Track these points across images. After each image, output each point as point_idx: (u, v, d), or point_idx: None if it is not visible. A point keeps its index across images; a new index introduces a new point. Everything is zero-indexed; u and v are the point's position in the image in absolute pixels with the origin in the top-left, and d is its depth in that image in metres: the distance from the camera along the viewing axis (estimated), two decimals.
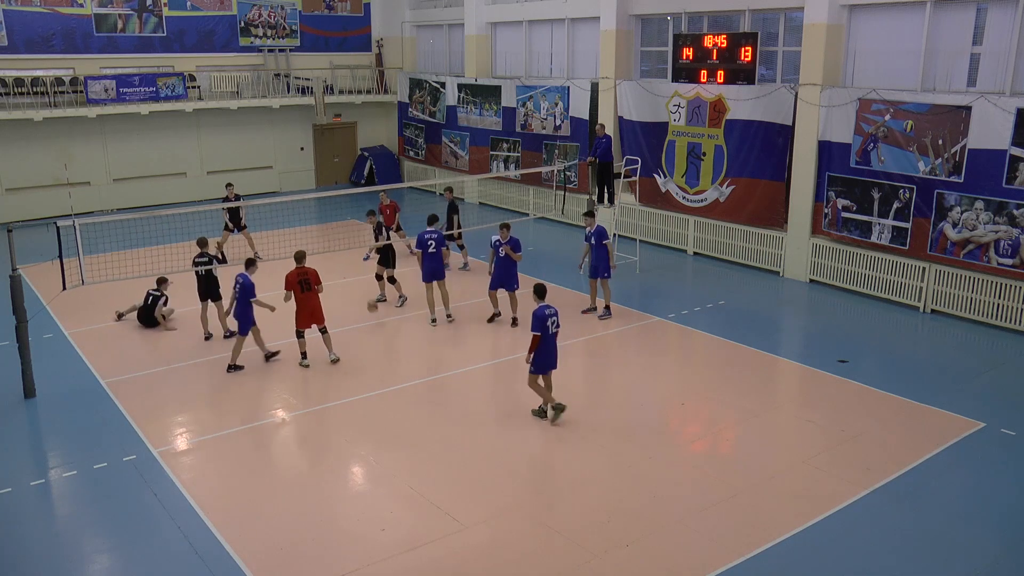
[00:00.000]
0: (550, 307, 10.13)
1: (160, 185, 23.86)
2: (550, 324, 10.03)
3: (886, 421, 10.38)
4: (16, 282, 10.88)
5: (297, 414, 10.71)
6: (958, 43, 14.19)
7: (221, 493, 8.85)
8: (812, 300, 15.52)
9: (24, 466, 9.47)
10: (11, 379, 11.25)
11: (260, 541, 7.92)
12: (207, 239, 13.69)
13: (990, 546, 7.90)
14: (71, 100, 22.17)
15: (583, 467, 9.33)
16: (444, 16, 25.69)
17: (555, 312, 10.14)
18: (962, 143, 13.54)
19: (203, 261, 13.14)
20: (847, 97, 15.07)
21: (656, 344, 13.33)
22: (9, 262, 10.99)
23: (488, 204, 23.90)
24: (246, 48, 25.54)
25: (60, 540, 8.12)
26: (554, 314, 10.10)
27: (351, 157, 27.76)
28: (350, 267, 16.89)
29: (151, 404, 10.95)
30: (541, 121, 21.72)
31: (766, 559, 7.61)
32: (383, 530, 8.07)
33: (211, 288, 13.29)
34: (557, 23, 22.01)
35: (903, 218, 14.53)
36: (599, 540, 7.88)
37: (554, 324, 10.09)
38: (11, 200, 21.77)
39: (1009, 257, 13.26)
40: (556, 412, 10.22)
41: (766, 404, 10.99)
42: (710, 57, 17.15)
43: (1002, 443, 9.81)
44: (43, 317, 13.46)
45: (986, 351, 13.03)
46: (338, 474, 9.32)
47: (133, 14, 23.41)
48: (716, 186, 17.61)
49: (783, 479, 9.03)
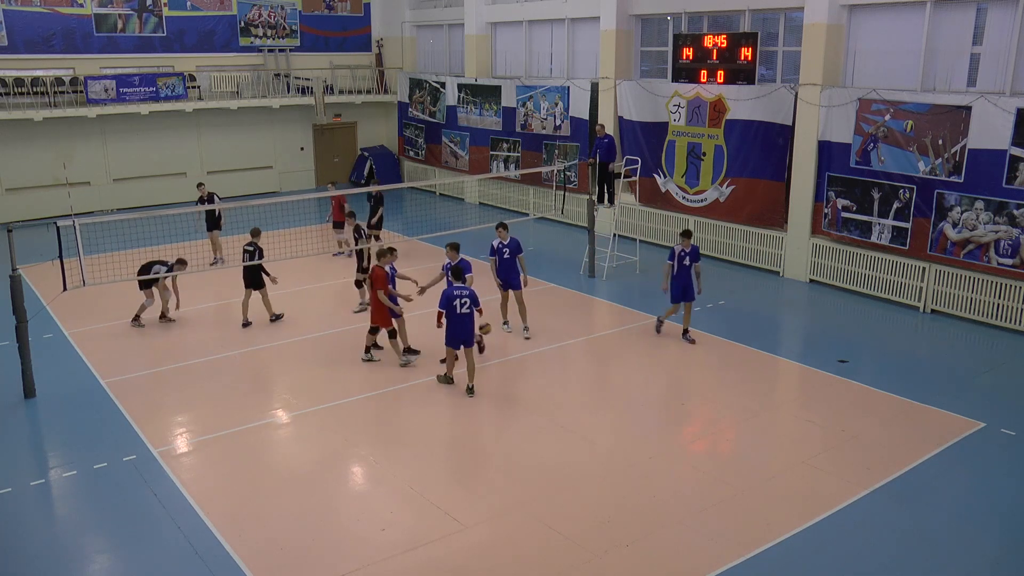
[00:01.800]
0: (464, 288, 10.87)
1: (160, 185, 23.86)
2: (457, 304, 10.70)
3: (886, 421, 10.38)
4: (16, 282, 10.88)
5: (297, 414, 10.71)
6: (958, 43, 14.19)
7: (221, 493, 8.85)
8: (812, 300, 15.52)
9: (24, 466, 9.47)
10: (11, 379, 11.25)
11: (260, 541, 7.92)
12: (259, 229, 14.06)
13: (990, 546, 7.90)
14: (71, 100, 22.17)
15: (583, 467, 9.33)
16: (444, 16, 25.69)
17: (468, 294, 10.77)
18: (962, 143, 13.54)
19: (251, 250, 13.58)
20: (847, 97, 15.07)
21: (656, 344, 13.33)
22: (9, 262, 10.99)
23: (488, 204, 23.90)
24: (246, 48, 25.54)
25: (60, 540, 8.12)
26: (465, 296, 10.74)
27: (351, 157, 27.76)
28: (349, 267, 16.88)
29: (151, 404, 10.95)
30: (541, 121, 21.73)
31: (766, 559, 7.61)
32: (383, 530, 8.07)
33: (256, 277, 13.70)
34: (557, 23, 22.01)
35: (903, 218, 14.53)
36: (599, 540, 7.88)
37: (464, 305, 10.73)
38: (11, 200, 21.77)
39: (1009, 257, 13.26)
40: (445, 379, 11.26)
41: (766, 404, 10.99)
42: (710, 57, 17.15)
43: (1002, 443, 9.81)
44: (43, 317, 13.46)
45: (986, 351, 13.03)
46: (338, 474, 9.32)
47: (133, 14, 23.41)
48: (716, 186, 17.62)
49: (783, 479, 9.03)
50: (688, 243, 12.90)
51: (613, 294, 15.68)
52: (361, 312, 14.17)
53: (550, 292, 15.81)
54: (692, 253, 12.83)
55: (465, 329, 10.87)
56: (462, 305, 10.72)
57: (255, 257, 13.60)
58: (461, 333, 10.88)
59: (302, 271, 16.70)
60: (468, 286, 11.19)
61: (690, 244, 12.90)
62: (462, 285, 11.04)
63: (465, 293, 10.79)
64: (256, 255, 13.62)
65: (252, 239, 13.82)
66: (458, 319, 10.79)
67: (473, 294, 10.91)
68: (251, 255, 13.60)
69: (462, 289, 10.87)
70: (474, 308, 10.90)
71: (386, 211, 18.58)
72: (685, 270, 12.82)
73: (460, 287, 10.93)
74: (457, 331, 10.87)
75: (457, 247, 12.23)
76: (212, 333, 13.69)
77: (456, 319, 10.79)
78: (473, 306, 10.88)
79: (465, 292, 10.81)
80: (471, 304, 10.84)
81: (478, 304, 11.00)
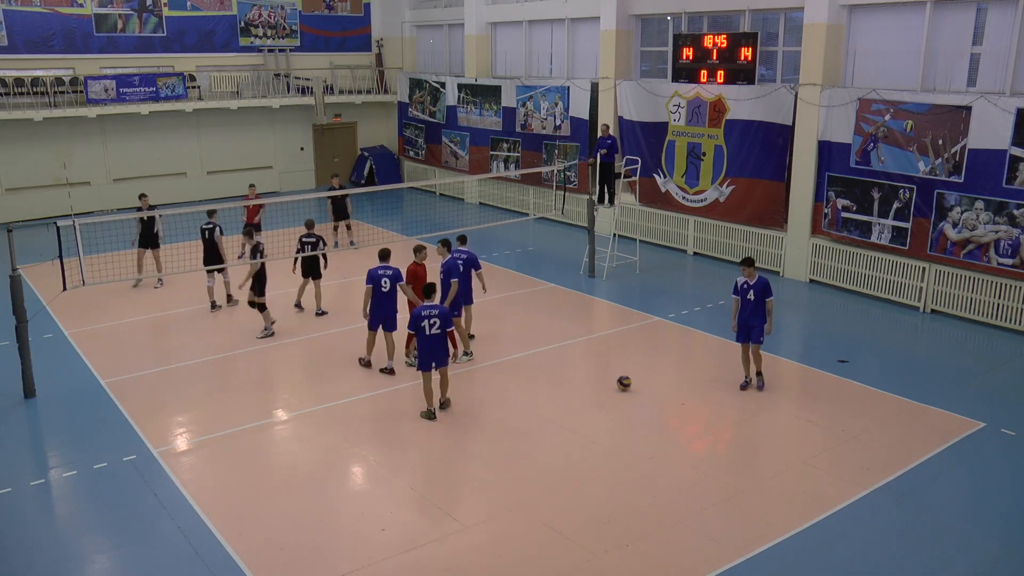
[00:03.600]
0: (433, 307, 10.29)
1: (160, 185, 23.80)
2: (426, 324, 10.15)
3: (886, 421, 10.38)
4: (16, 282, 10.88)
5: (297, 414, 10.71)
6: (958, 43, 14.19)
7: (221, 493, 8.85)
8: (812, 300, 15.52)
9: (24, 466, 9.47)
10: (11, 379, 11.25)
11: (260, 541, 7.92)
12: (314, 221, 14.51)
13: (990, 546, 7.90)
14: (71, 100, 22.17)
15: (583, 467, 9.33)
16: (444, 16, 25.69)
17: (437, 314, 10.22)
18: (962, 143, 13.54)
19: (311, 241, 13.90)
20: (847, 97, 15.07)
21: (656, 344, 13.33)
22: (9, 262, 10.99)
23: (488, 204, 23.89)
24: (246, 48, 25.53)
25: (60, 540, 8.12)
26: (434, 315, 10.19)
27: (351, 157, 27.75)
28: (354, 267, 16.89)
29: (151, 404, 10.95)
30: (541, 121, 21.72)
31: (766, 559, 7.61)
32: (383, 530, 8.07)
33: (314, 268, 14.21)
34: (557, 23, 22.01)
35: (903, 218, 14.53)
36: (599, 540, 7.88)
37: (434, 326, 10.17)
38: (11, 200, 21.75)
39: (1009, 257, 13.26)
40: (426, 414, 10.45)
41: (766, 404, 10.99)
42: (710, 57, 17.16)
43: (1002, 443, 9.81)
44: (43, 317, 13.46)
45: (986, 351, 13.03)
46: (338, 474, 9.32)
47: (133, 14, 23.40)
48: (716, 186, 17.62)
49: (783, 479, 9.03)
50: (752, 273, 11.03)
51: (613, 294, 15.69)
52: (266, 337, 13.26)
53: (550, 292, 15.81)
54: (759, 286, 10.92)
55: (435, 350, 10.33)
56: (431, 326, 10.17)
57: (317, 247, 13.93)
58: (432, 354, 10.33)
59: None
60: (438, 304, 10.60)
61: (755, 274, 11.04)
62: (432, 304, 10.39)
63: (435, 312, 10.23)
64: (319, 245, 13.95)
65: (309, 230, 14.15)
66: (428, 340, 10.24)
67: (444, 312, 10.36)
68: (312, 246, 13.89)
69: (431, 308, 10.28)
70: (445, 328, 10.34)
71: (386, 211, 18.57)
72: (749, 305, 10.95)
73: (429, 306, 10.31)
74: (428, 353, 10.30)
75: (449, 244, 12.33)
76: (212, 333, 13.69)
77: (426, 340, 10.23)
78: (444, 327, 10.31)
79: (435, 311, 10.25)
80: (441, 325, 10.25)
81: (450, 324, 10.53)
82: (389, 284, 11.69)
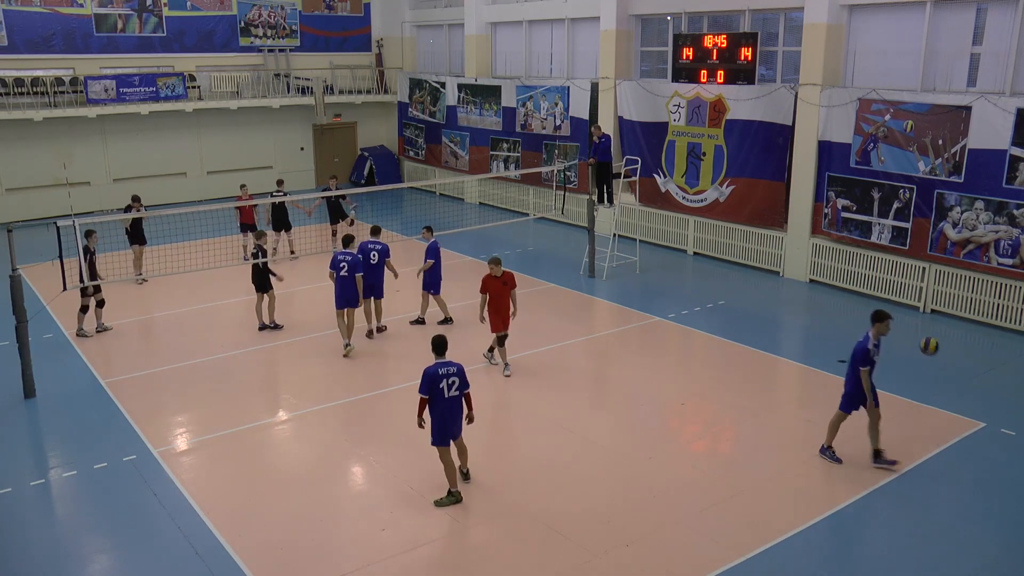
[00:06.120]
0: (451, 365, 8.30)
1: (160, 185, 23.84)
2: (444, 386, 8.18)
3: (886, 421, 10.35)
4: (16, 282, 10.88)
5: (297, 414, 10.71)
6: (958, 43, 14.19)
7: (221, 493, 8.85)
8: (812, 300, 15.51)
9: (24, 466, 9.47)
10: (11, 379, 11.25)
11: (260, 541, 7.92)
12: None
13: (990, 546, 7.90)
14: (71, 100, 22.17)
15: (583, 467, 9.33)
16: (444, 16, 25.69)
17: (457, 372, 8.27)
18: (962, 143, 13.54)
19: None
20: (847, 97, 15.07)
21: (656, 344, 13.33)
22: (9, 262, 10.99)
23: (488, 204, 23.89)
24: (246, 48, 25.54)
25: (60, 540, 8.12)
26: (455, 374, 8.24)
27: (351, 157, 27.75)
28: None
29: (151, 404, 10.95)
30: (541, 121, 21.72)
31: (766, 559, 7.61)
32: (383, 530, 8.07)
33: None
34: (557, 23, 22.01)
35: (903, 218, 14.53)
36: (599, 540, 7.88)
37: (453, 387, 8.23)
38: (11, 200, 21.76)
39: (1009, 257, 13.26)
40: (449, 500, 8.42)
41: (766, 404, 10.99)
42: (710, 57, 17.16)
43: (1002, 443, 9.81)
44: (43, 317, 13.46)
45: (986, 351, 13.03)
46: (338, 474, 9.31)
47: (133, 14, 23.40)
48: (716, 186, 17.62)
49: (783, 479, 9.03)
50: (886, 329, 9.13)
51: (613, 294, 15.69)
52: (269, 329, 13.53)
53: (550, 292, 15.81)
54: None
55: (455, 417, 8.38)
56: (450, 387, 8.21)
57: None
58: (452, 424, 8.37)
59: (301, 270, 16.70)
60: (454, 361, 8.43)
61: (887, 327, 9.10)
62: (447, 361, 8.36)
63: (452, 371, 8.25)
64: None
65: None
66: (446, 405, 8.26)
67: (461, 370, 8.35)
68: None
69: (448, 366, 8.26)
70: (463, 390, 8.38)
71: (386, 211, 18.58)
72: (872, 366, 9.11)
73: (446, 363, 8.29)
74: (448, 423, 8.32)
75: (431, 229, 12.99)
76: (212, 333, 13.68)
77: (444, 405, 8.25)
78: (462, 388, 8.34)
79: (452, 369, 8.26)
80: (460, 386, 8.31)
81: (468, 385, 8.43)
82: (378, 257, 12.89)
